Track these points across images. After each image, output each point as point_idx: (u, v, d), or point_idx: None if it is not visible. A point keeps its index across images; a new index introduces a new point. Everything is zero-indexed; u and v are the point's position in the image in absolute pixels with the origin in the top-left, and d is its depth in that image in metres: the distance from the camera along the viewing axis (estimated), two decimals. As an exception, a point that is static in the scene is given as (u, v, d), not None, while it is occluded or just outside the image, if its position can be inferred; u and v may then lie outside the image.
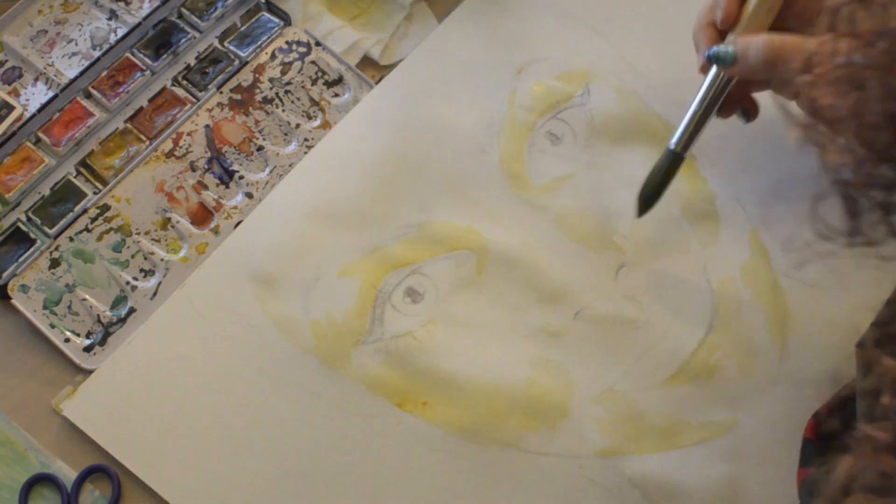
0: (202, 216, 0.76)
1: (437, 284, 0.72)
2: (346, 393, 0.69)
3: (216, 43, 0.81)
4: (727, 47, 0.64)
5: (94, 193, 0.76)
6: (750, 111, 0.68)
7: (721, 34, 0.66)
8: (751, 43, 0.63)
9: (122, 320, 0.73)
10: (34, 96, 0.79)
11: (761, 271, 0.71)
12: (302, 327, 0.71)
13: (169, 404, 0.70)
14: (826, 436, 0.62)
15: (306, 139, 0.78)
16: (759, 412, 0.68)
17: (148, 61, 0.80)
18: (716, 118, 0.67)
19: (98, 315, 0.73)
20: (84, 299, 0.73)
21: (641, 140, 0.75)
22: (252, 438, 0.69)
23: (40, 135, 0.78)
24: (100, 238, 0.75)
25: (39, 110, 0.78)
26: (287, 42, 0.81)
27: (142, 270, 0.74)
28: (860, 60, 0.44)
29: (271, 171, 0.77)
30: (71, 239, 0.75)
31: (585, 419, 0.68)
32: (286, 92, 0.79)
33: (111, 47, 0.80)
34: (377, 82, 0.79)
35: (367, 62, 0.81)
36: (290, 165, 0.77)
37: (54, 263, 0.74)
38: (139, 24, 0.80)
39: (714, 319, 0.70)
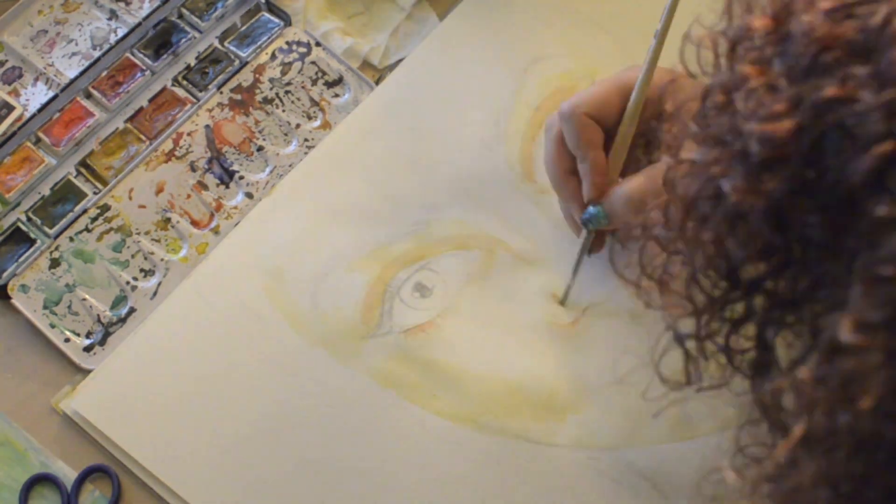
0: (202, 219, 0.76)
1: (445, 279, 0.73)
2: (356, 386, 0.70)
3: (216, 43, 0.81)
4: (596, 211, 0.66)
5: (95, 193, 0.76)
6: (596, 246, 0.71)
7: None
8: (613, 201, 0.65)
9: (123, 320, 0.73)
10: (34, 96, 0.79)
11: None
12: (311, 320, 0.71)
13: (175, 397, 0.70)
14: None
15: (306, 139, 0.78)
16: None
17: (148, 61, 0.80)
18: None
19: (98, 315, 0.73)
20: (84, 299, 0.73)
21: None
22: (260, 431, 0.69)
23: (40, 135, 0.78)
24: (100, 238, 0.75)
25: (39, 110, 0.78)
26: (287, 42, 0.81)
27: (142, 270, 0.74)
28: (665, 234, 0.48)
29: (271, 172, 0.77)
30: (71, 239, 0.75)
31: (594, 411, 0.69)
32: (286, 92, 0.79)
33: (111, 47, 0.80)
34: (377, 82, 0.79)
35: (367, 62, 0.81)
36: (290, 166, 0.77)
37: (54, 263, 0.74)
38: (139, 24, 0.80)
39: None
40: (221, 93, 0.79)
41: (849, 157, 0.39)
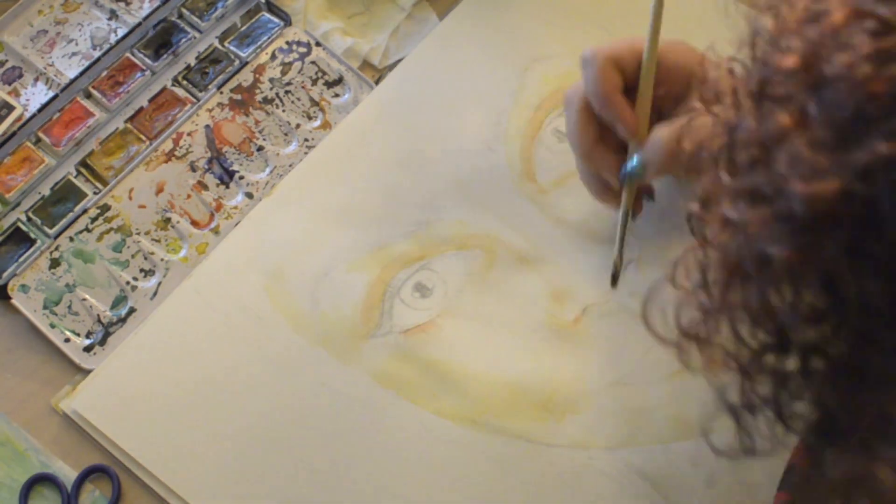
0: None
1: (445, 280, 0.73)
2: (356, 385, 0.70)
3: (216, 43, 0.81)
4: (634, 163, 0.64)
5: (95, 193, 0.76)
6: (651, 193, 0.69)
7: (605, 136, 0.66)
8: (648, 149, 0.63)
9: (123, 320, 0.73)
10: (34, 96, 0.79)
11: None
12: (311, 320, 0.71)
13: (175, 397, 0.70)
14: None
15: (306, 139, 0.78)
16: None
17: (148, 61, 0.80)
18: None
19: (98, 315, 0.73)
20: (84, 299, 0.73)
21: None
22: (259, 431, 0.69)
23: (40, 135, 0.78)
24: (100, 238, 0.75)
25: (39, 110, 0.78)
26: (287, 42, 0.81)
27: (142, 270, 0.74)
28: (706, 301, 0.44)
29: (271, 172, 0.77)
30: (71, 239, 0.75)
31: (594, 411, 0.69)
32: (286, 92, 0.79)
33: (111, 47, 0.80)
34: (377, 82, 0.79)
35: (367, 62, 0.81)
36: (290, 165, 0.77)
37: (54, 263, 0.74)
38: (139, 25, 0.80)
39: None
40: (221, 93, 0.79)
41: None
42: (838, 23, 0.38)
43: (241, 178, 0.77)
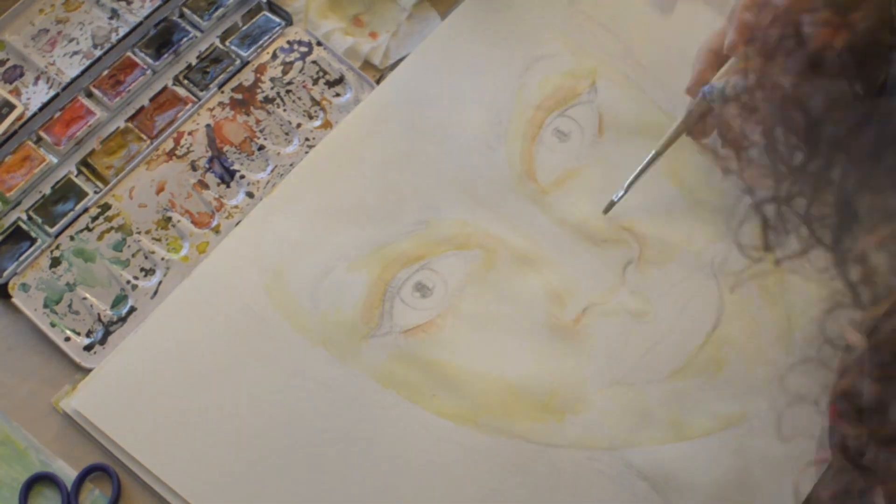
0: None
1: (446, 280, 0.72)
2: (356, 385, 0.70)
3: (217, 42, 0.81)
4: (716, 86, 0.65)
5: (95, 192, 0.76)
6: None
7: (719, 62, 0.67)
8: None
9: (123, 319, 0.73)
10: (35, 95, 0.79)
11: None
12: (311, 320, 0.71)
13: (175, 397, 0.69)
14: None
15: (307, 139, 0.78)
16: (767, 405, 0.68)
17: (149, 60, 0.80)
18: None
19: (98, 314, 0.73)
20: (84, 298, 0.73)
21: (649, 136, 0.75)
22: (260, 431, 0.69)
23: (41, 134, 0.78)
24: (100, 237, 0.75)
25: (40, 109, 0.78)
26: (288, 42, 0.81)
27: (142, 269, 0.74)
28: (744, 84, 0.45)
29: (272, 171, 0.77)
30: (72, 238, 0.75)
31: (594, 412, 0.69)
32: (287, 91, 0.79)
33: (112, 46, 0.80)
34: (377, 82, 0.79)
35: (368, 62, 0.81)
36: (290, 165, 0.77)
37: (55, 262, 0.74)
38: (140, 24, 0.80)
39: (721, 314, 0.71)
40: (222, 92, 0.79)
41: None
42: None
43: (242, 177, 0.77)
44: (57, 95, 0.78)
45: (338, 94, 0.79)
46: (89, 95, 0.79)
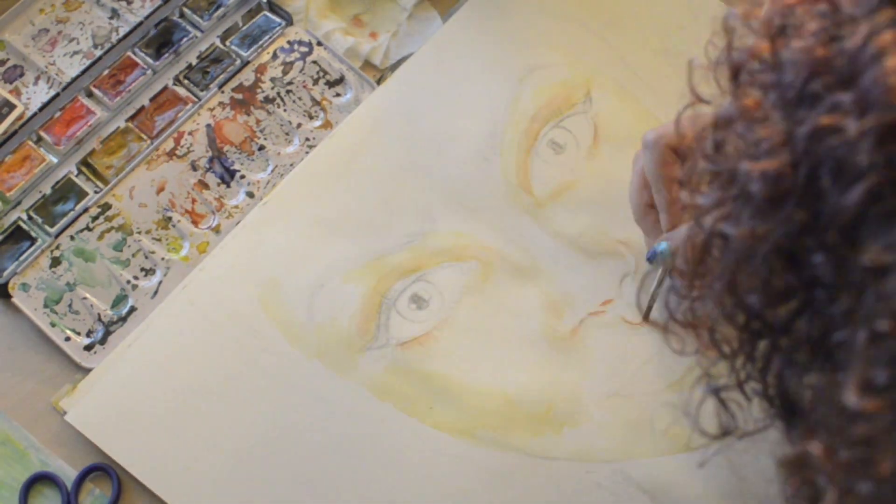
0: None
1: (442, 291, 0.72)
2: (352, 398, 0.69)
3: (218, 42, 0.81)
4: (659, 248, 0.65)
5: (95, 192, 0.76)
6: None
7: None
8: (677, 237, 0.63)
9: (123, 319, 0.73)
10: (35, 95, 0.79)
11: None
12: (306, 332, 0.71)
13: (169, 410, 0.69)
14: None
15: (308, 139, 0.78)
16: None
17: (149, 60, 0.80)
18: None
19: (99, 314, 0.73)
20: (85, 298, 0.73)
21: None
22: (255, 443, 0.68)
23: (41, 133, 0.78)
24: (101, 237, 0.75)
25: (41, 109, 0.78)
26: (288, 42, 0.81)
27: (142, 269, 0.74)
28: (682, 283, 0.46)
29: (272, 171, 0.77)
30: (72, 238, 0.75)
31: (592, 424, 0.68)
32: (287, 91, 0.79)
33: (113, 46, 0.80)
34: (378, 82, 0.79)
35: (369, 62, 0.81)
36: (291, 165, 0.77)
37: (55, 262, 0.74)
38: (141, 24, 0.80)
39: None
40: (223, 92, 0.79)
41: (841, 192, 0.37)
42: (793, 2, 0.40)
43: (243, 177, 0.77)
44: (57, 95, 0.78)
45: (338, 94, 0.79)
46: (89, 95, 0.79)
